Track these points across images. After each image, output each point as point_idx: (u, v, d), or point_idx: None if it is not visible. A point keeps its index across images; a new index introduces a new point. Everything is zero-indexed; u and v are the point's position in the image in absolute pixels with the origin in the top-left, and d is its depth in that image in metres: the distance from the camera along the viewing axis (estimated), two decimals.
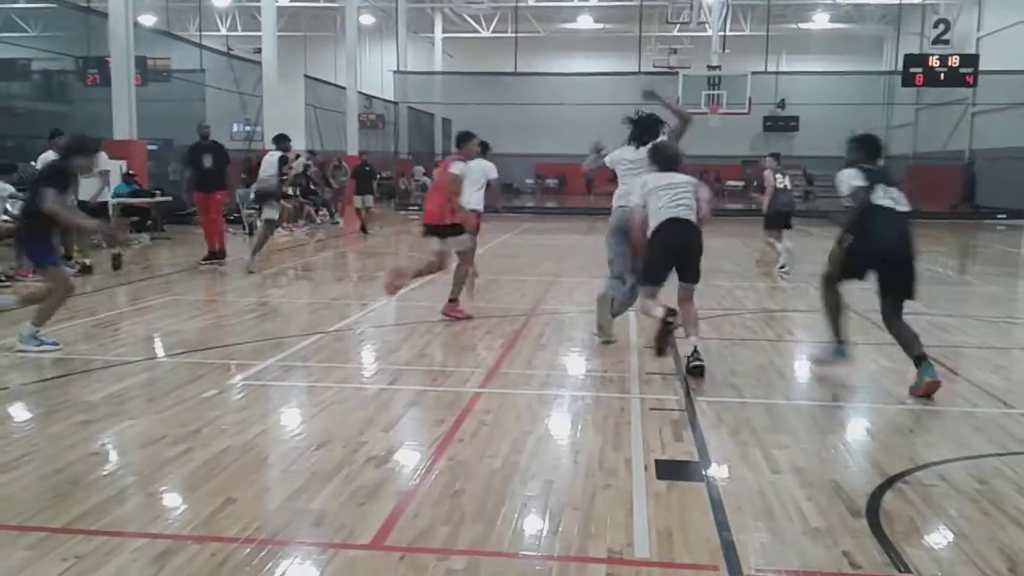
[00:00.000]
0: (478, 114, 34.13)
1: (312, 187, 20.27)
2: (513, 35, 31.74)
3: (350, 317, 8.49)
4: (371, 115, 32.20)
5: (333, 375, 6.18)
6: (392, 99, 32.56)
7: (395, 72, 31.95)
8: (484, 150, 9.51)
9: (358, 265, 13.77)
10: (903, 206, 5.80)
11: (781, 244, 12.11)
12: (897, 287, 5.84)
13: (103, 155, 11.71)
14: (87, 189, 11.08)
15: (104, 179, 11.96)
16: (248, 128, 25.75)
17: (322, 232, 18.09)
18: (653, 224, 6.16)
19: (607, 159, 7.45)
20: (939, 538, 3.55)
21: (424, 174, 32.49)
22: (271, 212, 12.15)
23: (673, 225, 6.09)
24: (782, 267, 11.98)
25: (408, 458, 4.44)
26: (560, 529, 3.56)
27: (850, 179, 5.90)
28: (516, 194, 34.56)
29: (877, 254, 5.78)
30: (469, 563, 3.26)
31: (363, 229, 17.73)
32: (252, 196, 14.64)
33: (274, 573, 3.18)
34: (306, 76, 29.23)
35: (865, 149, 6.17)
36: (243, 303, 9.27)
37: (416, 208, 27.64)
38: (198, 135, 12.51)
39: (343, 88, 29.11)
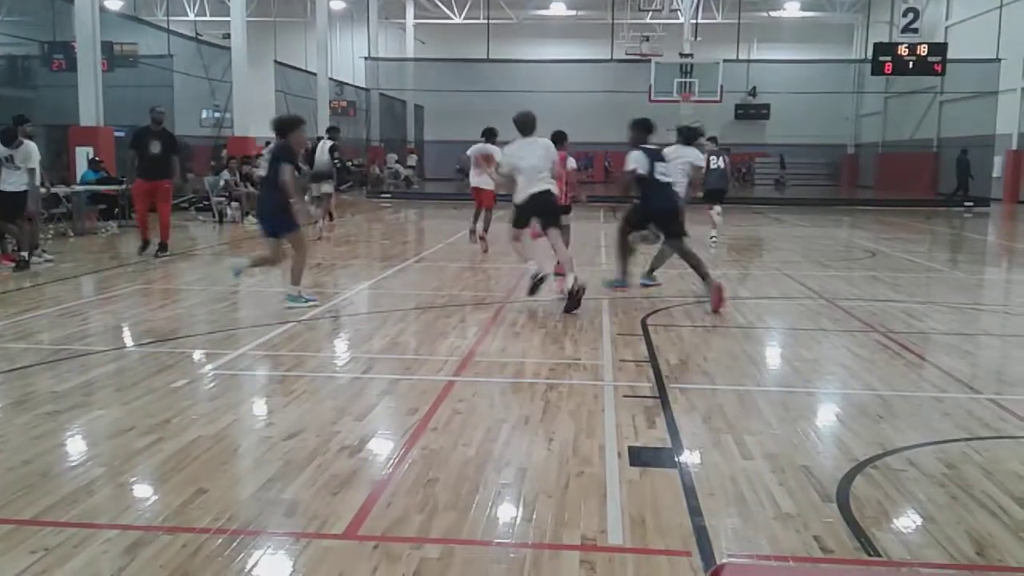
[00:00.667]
0: (451, 101, 34.06)
1: None
2: (485, 21, 31.56)
3: (322, 306, 8.43)
4: (342, 102, 31.99)
5: (305, 364, 6.14)
6: (363, 86, 32.34)
7: (366, 58, 31.72)
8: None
9: (330, 253, 13.68)
10: (670, 177, 8.44)
11: (715, 217, 14.08)
12: (671, 232, 8.57)
13: (31, 146, 10.66)
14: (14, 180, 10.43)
15: (31, 174, 10.61)
16: (217, 114, 25.47)
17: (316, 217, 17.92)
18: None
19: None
20: (908, 522, 3.60)
21: (396, 161, 32.36)
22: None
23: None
24: (712, 237, 13.83)
25: (381, 447, 4.43)
26: (534, 516, 3.57)
27: (636, 159, 8.33)
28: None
29: (655, 213, 8.47)
30: (443, 551, 3.26)
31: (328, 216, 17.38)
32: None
33: (246, 564, 3.16)
34: (276, 62, 28.94)
35: (641, 129, 8.52)
36: (214, 292, 9.19)
37: (388, 196, 27.57)
38: (150, 119, 11.91)
39: (314, 74, 28.88)
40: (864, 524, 3.52)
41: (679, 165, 9.01)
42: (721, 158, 13.79)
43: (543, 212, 8.21)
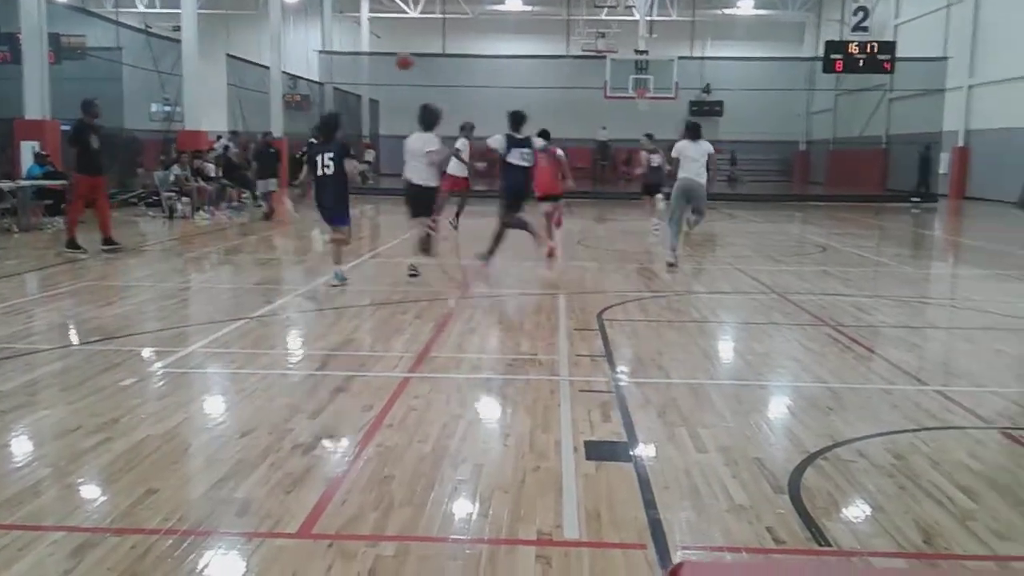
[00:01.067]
0: (406, 96, 33.76)
1: (236, 169, 19.79)
2: (441, 16, 31.48)
3: (275, 302, 8.34)
4: (296, 96, 31.58)
5: (258, 361, 6.06)
6: (318, 80, 32.01)
7: (320, 52, 31.40)
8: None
9: (283, 248, 13.53)
10: (528, 162, 9.65)
11: (659, 204, 15.01)
12: (519, 207, 9.86)
13: None
14: None
15: None
16: (168, 108, 25.03)
17: (245, 215, 17.68)
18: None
19: (674, 150, 11.01)
20: (858, 512, 3.66)
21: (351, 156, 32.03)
22: (272, 185, 16.57)
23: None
24: (655, 227, 14.45)
25: (336, 445, 4.39)
26: (490, 512, 3.56)
27: (497, 140, 9.57)
28: (444, 176, 34.34)
29: (513, 191, 9.74)
30: (398, 549, 3.24)
31: (268, 216, 17.07)
32: (255, 173, 16.34)
33: (197, 564, 3.11)
34: (228, 55, 28.51)
35: (512, 120, 9.70)
36: (163, 288, 9.02)
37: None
38: (85, 112, 11.44)
39: (267, 68, 28.49)
40: (815, 515, 3.58)
41: (699, 156, 10.76)
42: (657, 154, 15.05)
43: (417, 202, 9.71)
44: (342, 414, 4.89)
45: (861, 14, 24.75)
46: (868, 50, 24.17)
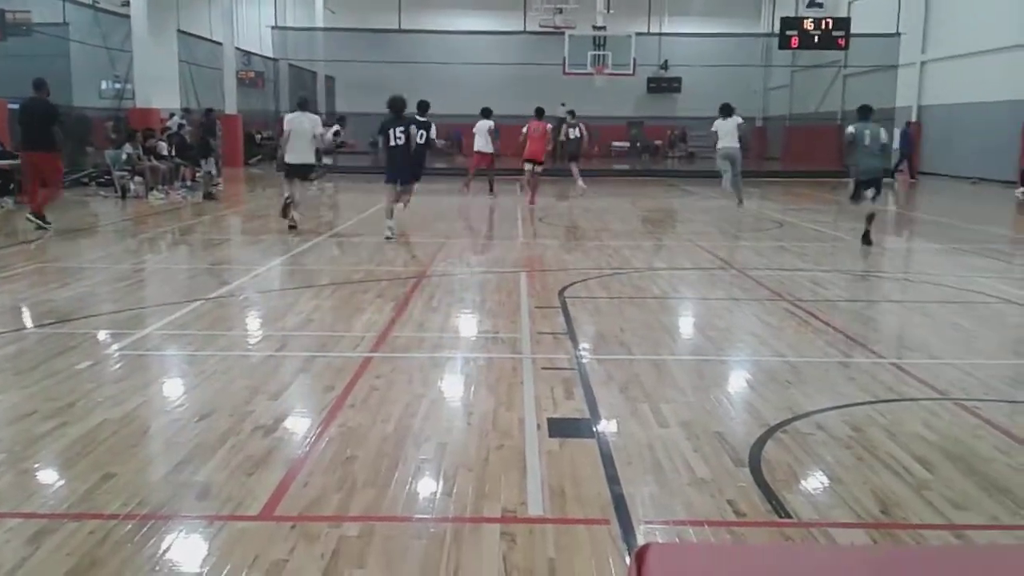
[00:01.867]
0: (363, 72, 33.44)
1: (190, 148, 19.44)
2: None
3: (233, 282, 8.22)
4: (250, 72, 31.03)
5: (216, 343, 5.97)
6: (272, 56, 31.46)
7: (274, 28, 30.83)
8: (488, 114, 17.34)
9: (239, 228, 13.34)
10: (400, 141, 10.99)
11: (575, 170, 17.85)
12: (409, 180, 11.58)
13: None
14: None
15: None
16: (118, 86, 24.47)
17: (199, 194, 17.37)
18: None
19: (714, 125, 15.12)
20: (817, 484, 3.72)
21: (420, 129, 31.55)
22: (210, 165, 16.75)
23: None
24: (581, 187, 17.50)
25: (297, 426, 4.35)
26: (454, 491, 3.56)
27: (382, 123, 11.26)
28: None
29: (396, 168, 11.32)
30: (362, 529, 3.22)
31: (208, 195, 16.85)
32: (197, 151, 16.45)
33: (158, 548, 3.06)
34: (179, 31, 27.91)
35: (391, 106, 11.08)
36: (118, 270, 8.86)
37: None
38: (40, 91, 11.53)
39: (219, 44, 27.95)
40: (775, 487, 3.63)
41: (731, 129, 14.80)
42: (577, 128, 17.83)
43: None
44: (303, 395, 4.85)
45: None
46: (823, 26, 24.34)
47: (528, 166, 16.14)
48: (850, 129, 11.05)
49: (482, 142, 17.03)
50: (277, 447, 4.03)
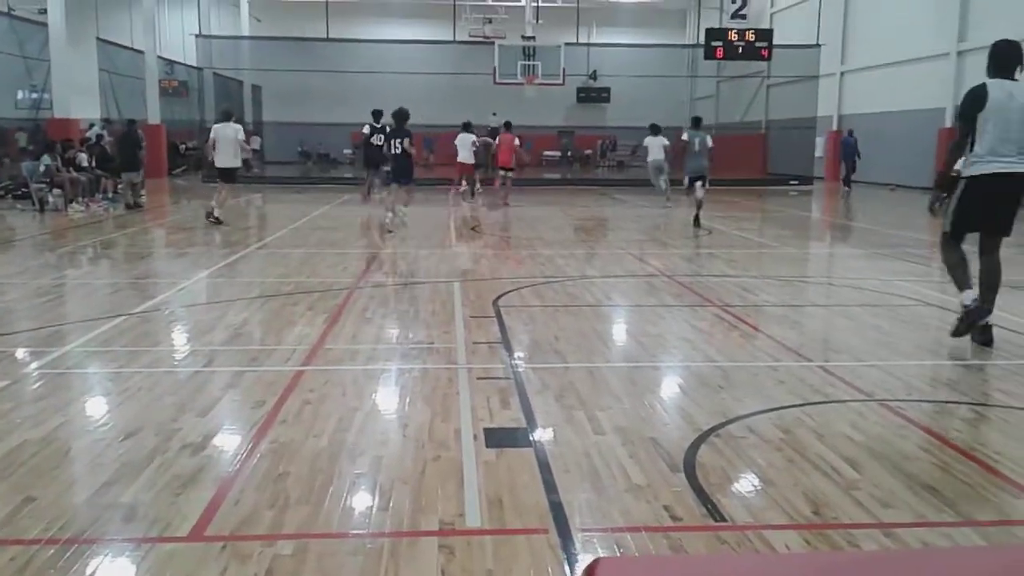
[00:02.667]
0: (290, 81, 33.05)
1: (111, 159, 18.92)
2: (324, 0, 30.74)
3: (157, 297, 8.01)
4: (173, 81, 30.38)
5: (141, 359, 5.80)
6: (196, 64, 30.85)
7: (197, 36, 30.24)
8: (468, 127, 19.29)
9: (164, 240, 13.02)
10: (381, 143, 13.65)
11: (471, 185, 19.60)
12: (395, 178, 13.73)
13: None
14: None
15: None
16: (35, 95, 23.72)
17: (121, 206, 16.92)
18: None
19: (645, 142, 18.49)
20: (750, 487, 3.77)
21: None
22: (135, 177, 16.89)
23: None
24: (478, 188, 19.86)
25: (227, 443, 4.24)
26: (391, 505, 3.51)
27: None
28: (334, 164, 33.77)
29: (399, 171, 13.58)
30: (296, 547, 3.15)
31: (134, 205, 16.64)
32: (118, 164, 16.27)
33: (83, 574, 2.95)
34: (99, 39, 27.19)
35: (396, 117, 13.18)
36: (36, 285, 8.55)
37: None
38: None
39: (141, 52, 27.31)
40: (710, 491, 3.66)
41: (659, 144, 18.38)
42: (479, 140, 19.70)
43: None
44: (233, 411, 4.73)
45: (739, 2, 25.48)
46: (746, 38, 24.91)
47: (501, 172, 18.52)
48: (684, 136, 14.44)
49: (465, 154, 18.72)
50: (206, 465, 3.92)
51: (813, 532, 3.32)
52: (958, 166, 6.21)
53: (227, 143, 13.86)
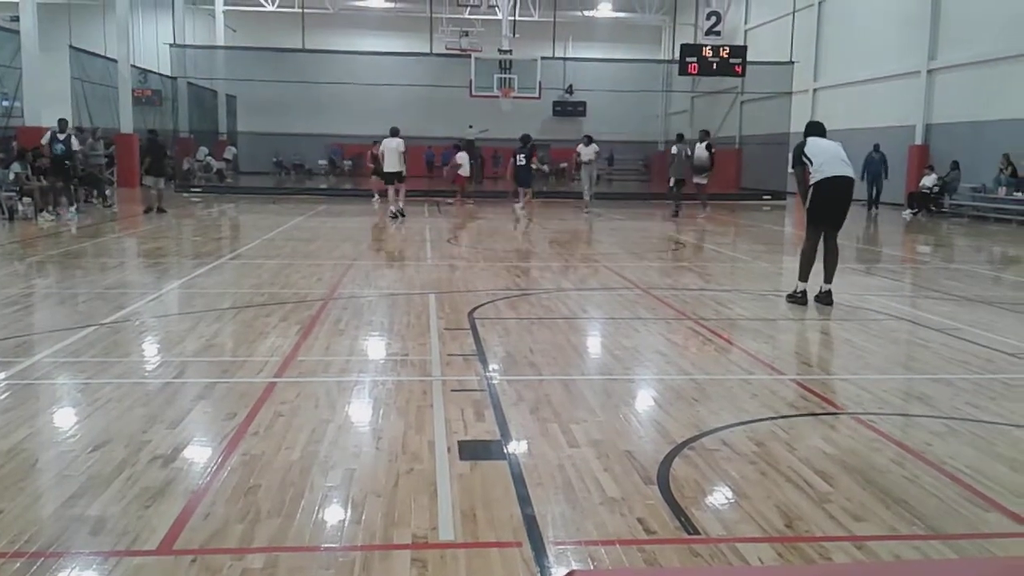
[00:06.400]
0: (265, 92, 32.95)
1: (83, 166, 18.74)
2: (300, 10, 30.65)
3: (128, 307, 7.92)
4: (147, 90, 30.16)
5: (111, 370, 5.72)
6: (170, 74, 30.65)
7: (171, 45, 30.06)
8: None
9: (136, 250, 12.89)
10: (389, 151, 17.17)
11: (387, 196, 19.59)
12: (388, 180, 17.32)
13: None
14: None
15: None
16: (6, 103, 23.47)
17: (93, 215, 16.76)
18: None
19: (578, 149, 20.25)
20: (723, 500, 3.77)
21: (208, 154, 30.91)
22: (150, 181, 18.11)
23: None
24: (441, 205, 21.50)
25: (198, 455, 4.18)
26: (363, 518, 3.48)
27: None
28: (308, 175, 33.64)
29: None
30: (267, 561, 3.11)
31: (155, 210, 17.39)
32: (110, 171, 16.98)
33: None
34: (72, 47, 26.95)
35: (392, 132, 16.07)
36: (4, 295, 8.42)
37: (199, 190, 26.37)
38: None
39: (114, 61, 27.09)
40: (684, 504, 3.66)
41: (591, 152, 20.23)
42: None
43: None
44: (204, 423, 4.67)
45: (714, 18, 25.72)
46: (720, 54, 25.12)
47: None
48: (673, 150, 20.02)
49: (464, 168, 22.12)
50: (176, 478, 3.87)
51: (786, 545, 3.33)
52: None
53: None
